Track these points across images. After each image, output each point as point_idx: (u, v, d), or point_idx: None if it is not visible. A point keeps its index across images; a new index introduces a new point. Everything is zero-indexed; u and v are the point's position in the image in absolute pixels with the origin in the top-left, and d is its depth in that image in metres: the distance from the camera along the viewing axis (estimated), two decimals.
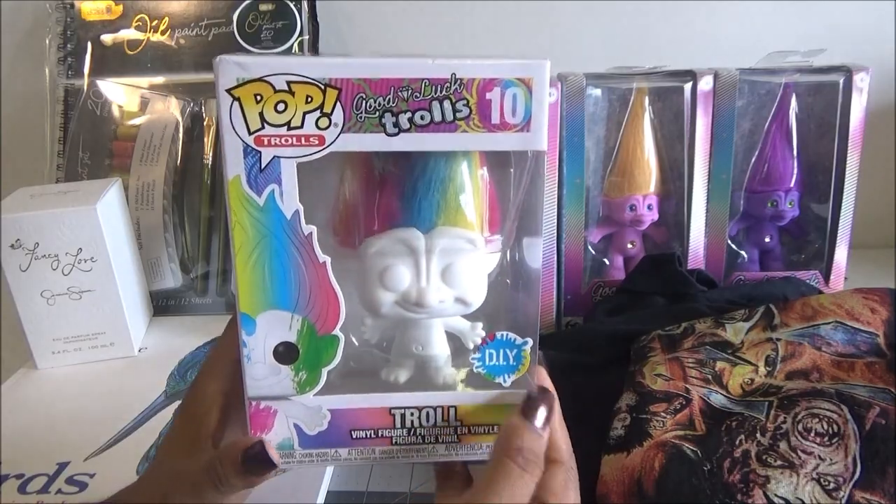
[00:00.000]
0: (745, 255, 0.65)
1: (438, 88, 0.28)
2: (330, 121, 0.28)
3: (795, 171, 0.62)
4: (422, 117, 0.29)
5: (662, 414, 0.42)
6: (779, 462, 0.37)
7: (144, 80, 0.75)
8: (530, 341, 0.33)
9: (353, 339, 0.34)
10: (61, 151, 0.75)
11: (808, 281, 0.61)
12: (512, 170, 0.32)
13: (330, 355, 0.32)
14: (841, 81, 0.60)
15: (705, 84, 0.60)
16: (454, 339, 0.35)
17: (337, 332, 0.31)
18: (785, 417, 0.39)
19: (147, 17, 0.75)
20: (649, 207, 0.62)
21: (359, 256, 0.33)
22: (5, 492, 0.46)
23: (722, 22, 0.76)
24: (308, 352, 0.31)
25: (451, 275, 0.32)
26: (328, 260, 0.30)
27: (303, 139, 0.29)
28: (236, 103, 0.28)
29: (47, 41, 0.76)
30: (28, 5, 0.80)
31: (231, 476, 0.31)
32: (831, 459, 0.37)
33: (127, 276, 0.63)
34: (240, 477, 0.31)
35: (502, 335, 0.33)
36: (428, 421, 0.33)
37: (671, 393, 0.44)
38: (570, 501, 0.31)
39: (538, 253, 0.33)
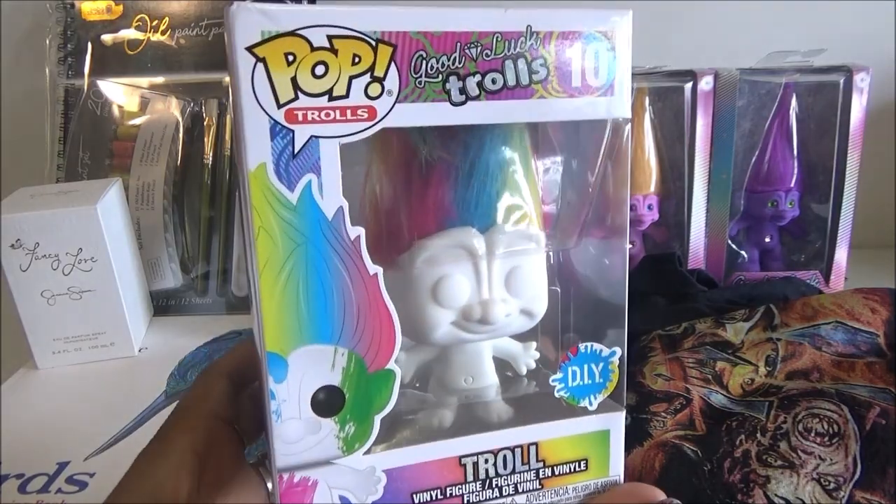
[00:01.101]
0: (746, 255, 0.65)
1: (513, 44, 0.23)
2: (383, 87, 0.22)
3: (796, 171, 0.62)
4: (493, 81, 0.23)
5: (663, 414, 0.42)
6: (779, 462, 0.37)
7: (144, 80, 0.75)
8: (618, 351, 0.27)
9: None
10: (61, 151, 0.75)
11: (808, 281, 0.61)
12: (559, 157, 0.28)
13: (384, 397, 0.25)
14: (841, 81, 0.60)
15: (705, 84, 0.60)
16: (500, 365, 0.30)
17: (392, 365, 0.24)
18: (785, 417, 0.39)
19: (147, 17, 0.75)
20: (649, 207, 0.62)
21: (400, 267, 0.26)
22: (5, 492, 0.46)
23: (722, 22, 0.76)
24: (357, 396, 0.24)
25: (515, 282, 0.27)
26: (380, 271, 0.24)
27: (348, 112, 0.22)
28: (261, 65, 0.21)
29: (47, 41, 0.76)
30: (28, 5, 0.80)
31: None
32: (831, 459, 0.37)
33: (127, 276, 0.63)
34: None
35: (587, 347, 0.27)
36: (506, 467, 0.27)
37: (671, 393, 0.44)
38: None
39: (623, 254, 0.27)
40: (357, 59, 0.22)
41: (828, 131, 0.61)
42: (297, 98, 0.21)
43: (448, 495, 0.26)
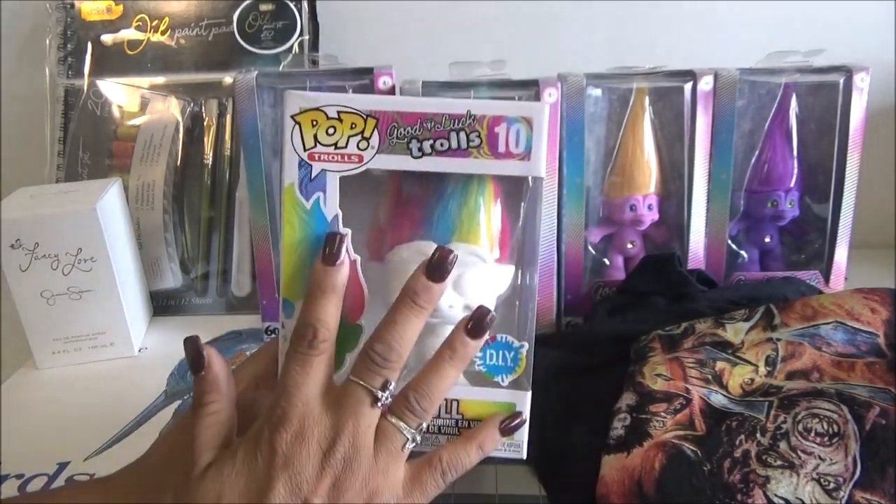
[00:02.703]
0: (746, 255, 0.65)
1: (456, 122, 0.35)
2: (368, 143, 0.35)
3: (795, 171, 0.62)
4: (441, 144, 0.35)
5: (663, 414, 0.42)
6: (779, 462, 0.37)
7: (144, 80, 0.75)
8: (526, 345, 0.37)
9: None
10: (61, 151, 0.75)
11: (808, 281, 0.61)
12: (523, 203, 0.37)
13: (353, 342, 0.36)
14: (841, 81, 0.60)
15: (705, 84, 0.60)
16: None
17: (361, 321, 0.36)
18: (785, 417, 0.39)
19: (147, 17, 0.75)
20: (649, 207, 0.62)
21: (385, 263, 0.38)
22: (5, 492, 0.46)
23: (722, 22, 0.76)
24: (336, 337, 0.35)
25: (461, 284, 0.37)
26: (359, 258, 0.36)
27: (346, 157, 0.35)
28: (297, 126, 0.35)
29: (47, 41, 0.76)
30: (28, 5, 0.80)
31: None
32: (831, 459, 0.37)
33: (127, 276, 0.63)
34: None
35: (502, 337, 0.37)
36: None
37: (671, 393, 0.44)
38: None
39: (534, 274, 0.38)
40: (354, 126, 0.35)
41: (828, 131, 0.61)
42: (315, 146, 0.35)
43: None
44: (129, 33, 0.75)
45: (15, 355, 0.62)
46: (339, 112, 0.35)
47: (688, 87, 0.60)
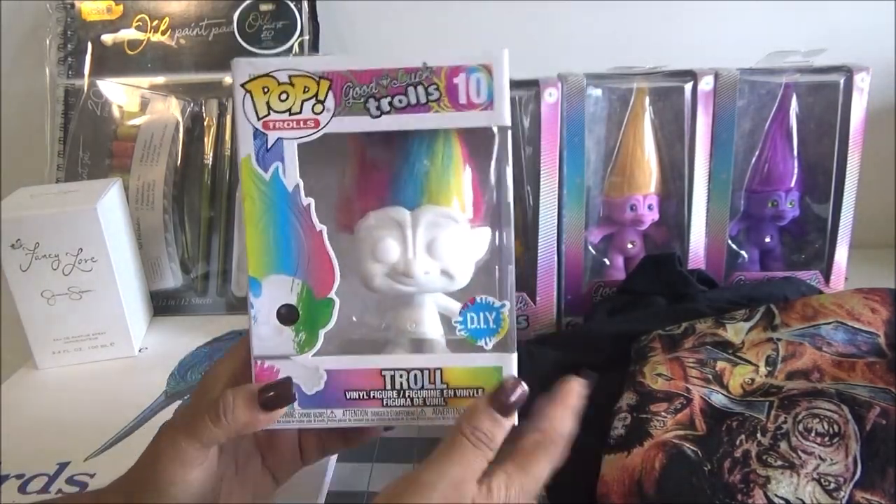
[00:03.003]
0: (746, 255, 0.65)
1: (413, 76, 0.33)
2: (323, 106, 0.33)
3: (796, 171, 0.62)
4: (399, 101, 0.33)
5: (663, 414, 0.42)
6: (779, 462, 0.37)
7: (144, 80, 0.75)
8: (507, 304, 0.35)
9: (354, 319, 0.38)
10: (61, 151, 0.75)
11: (808, 281, 0.61)
12: (493, 159, 0.35)
13: (326, 317, 0.35)
14: (841, 81, 0.60)
15: (706, 84, 0.60)
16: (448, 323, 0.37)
17: (332, 295, 0.35)
18: (785, 417, 0.39)
19: (147, 18, 0.75)
20: (650, 207, 0.62)
21: (354, 234, 0.36)
22: (5, 492, 0.46)
23: (722, 22, 0.76)
24: (307, 314, 0.35)
25: (435, 248, 0.35)
26: (324, 229, 0.34)
27: (301, 122, 0.34)
28: (248, 95, 0.33)
29: (47, 41, 0.76)
30: (28, 5, 0.80)
31: (239, 408, 0.33)
32: (832, 459, 0.37)
33: (127, 276, 0.63)
34: (248, 410, 0.33)
35: (481, 298, 0.35)
36: (416, 383, 0.35)
37: (672, 393, 0.44)
38: (537, 468, 0.33)
39: (510, 234, 0.35)
40: (307, 89, 0.33)
41: (828, 131, 0.61)
42: (269, 114, 0.34)
43: (371, 397, 0.35)
44: (129, 33, 0.75)
45: (15, 355, 0.62)
46: (290, 76, 0.33)
47: (688, 87, 0.60)
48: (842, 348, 0.44)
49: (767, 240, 0.64)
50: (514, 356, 0.35)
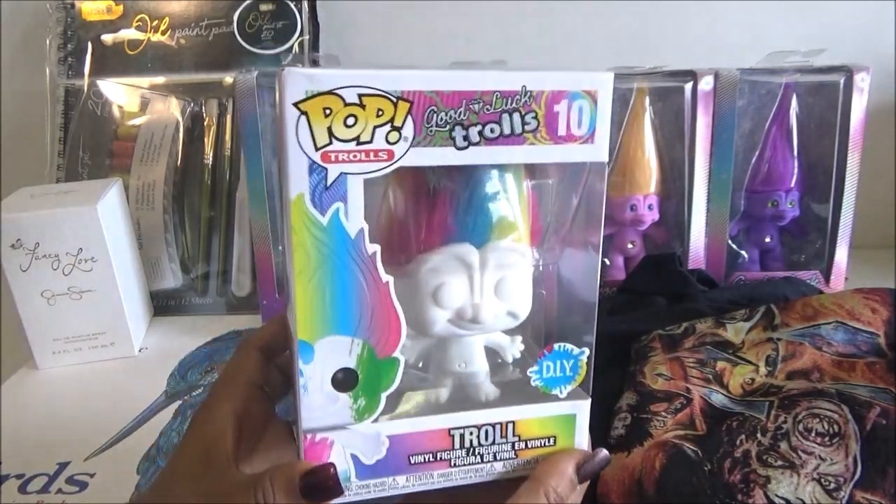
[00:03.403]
0: (746, 255, 0.65)
1: (509, 101, 0.28)
2: (400, 135, 0.27)
3: (796, 171, 0.62)
4: (492, 130, 0.28)
5: (663, 413, 0.42)
6: (779, 462, 0.37)
7: (145, 80, 0.75)
8: (587, 350, 0.32)
9: None
10: (61, 151, 0.75)
11: (808, 281, 0.61)
12: (550, 180, 0.32)
13: (390, 379, 0.30)
14: (841, 81, 0.60)
15: (706, 84, 0.60)
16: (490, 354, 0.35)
17: (397, 353, 0.30)
18: (785, 417, 0.39)
19: (147, 17, 0.75)
20: (650, 207, 0.62)
21: (408, 275, 0.31)
22: (5, 492, 0.46)
23: (722, 22, 0.76)
24: (367, 377, 0.30)
25: (503, 289, 0.32)
26: (391, 280, 0.29)
27: (372, 154, 0.27)
28: (303, 118, 0.26)
29: (47, 41, 0.76)
30: (28, 5, 0.80)
31: (281, 498, 0.29)
32: (832, 459, 0.37)
33: (127, 276, 0.63)
34: (290, 498, 0.29)
35: (560, 346, 0.32)
36: (487, 439, 0.32)
37: (672, 392, 0.44)
38: None
39: (594, 273, 0.32)
40: (381, 112, 0.27)
41: (828, 131, 0.61)
42: (331, 143, 0.27)
43: (438, 458, 0.32)
44: (129, 33, 0.75)
45: (15, 355, 0.62)
46: (360, 95, 0.27)
47: (688, 87, 0.60)
48: (842, 348, 0.44)
49: (767, 240, 0.64)
50: (588, 402, 0.33)
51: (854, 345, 0.44)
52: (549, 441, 0.33)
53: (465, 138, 0.28)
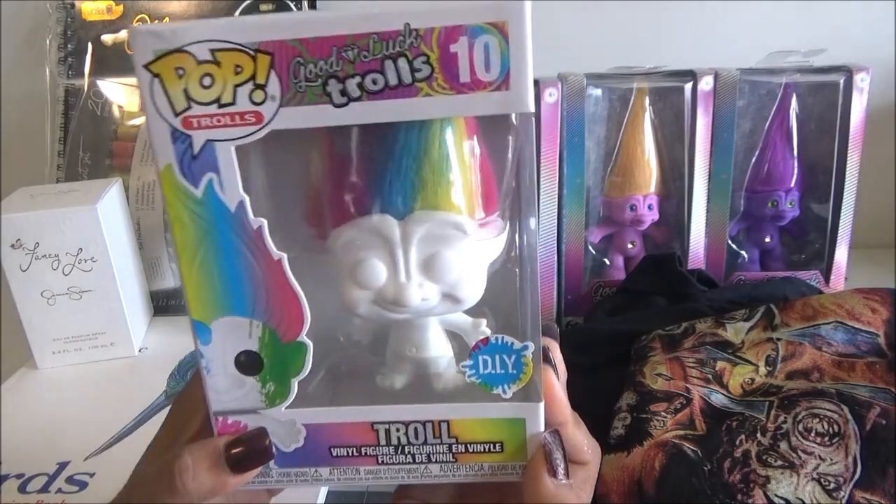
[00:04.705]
0: (746, 255, 0.65)
1: (390, 44, 0.23)
2: (266, 94, 0.24)
3: (796, 171, 0.62)
4: (374, 81, 0.23)
5: (663, 413, 0.42)
6: (779, 462, 0.37)
7: None
8: (531, 346, 0.27)
9: (342, 340, 0.31)
10: (61, 151, 0.75)
11: (808, 281, 0.61)
12: (510, 136, 0.27)
13: (297, 365, 0.28)
14: (841, 81, 0.60)
15: (705, 84, 0.60)
16: (459, 338, 0.31)
17: (303, 338, 0.27)
18: (785, 417, 0.39)
19: (147, 18, 0.75)
20: (650, 207, 0.62)
21: (328, 251, 0.28)
22: (5, 492, 0.46)
23: (722, 22, 0.76)
24: (273, 362, 0.28)
25: (434, 267, 0.27)
26: (284, 256, 0.26)
27: (237, 117, 0.24)
28: (157, 80, 0.24)
29: (48, 41, 0.76)
30: (28, 5, 0.80)
31: (201, 471, 0.27)
32: (832, 459, 0.37)
33: (127, 276, 0.63)
34: (213, 472, 0.27)
35: (497, 339, 0.27)
36: (417, 438, 0.29)
37: (672, 392, 0.44)
38: (585, 499, 0.29)
39: (533, 237, 0.27)
40: (239, 69, 0.24)
41: (828, 131, 0.61)
42: (190, 107, 0.24)
43: (363, 454, 0.29)
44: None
45: (15, 355, 0.62)
46: (212, 51, 0.23)
47: (688, 87, 0.60)
48: (842, 348, 0.44)
49: (767, 240, 0.64)
50: (541, 406, 0.28)
51: (854, 345, 0.44)
52: (494, 447, 0.29)
53: (343, 93, 0.23)
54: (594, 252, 0.64)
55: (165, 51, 0.23)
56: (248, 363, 0.28)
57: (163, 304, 0.71)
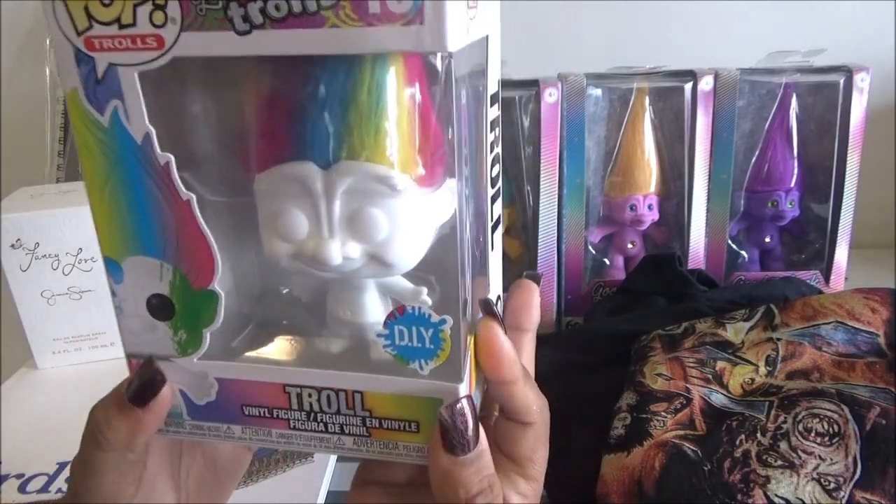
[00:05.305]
0: (746, 255, 0.65)
1: None
2: (166, 15, 0.22)
3: (796, 171, 0.62)
4: (276, 7, 0.22)
5: (663, 413, 0.42)
6: (779, 462, 0.37)
7: None
8: (449, 320, 0.25)
9: (282, 293, 0.30)
10: (61, 151, 0.74)
11: (808, 281, 0.61)
12: (433, 103, 0.25)
13: (209, 315, 0.26)
14: (841, 81, 0.60)
15: (705, 84, 0.60)
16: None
17: (214, 287, 0.26)
18: (785, 417, 0.39)
19: None
20: (650, 207, 0.62)
21: (254, 197, 0.26)
22: (5, 492, 0.46)
23: (722, 22, 0.76)
24: (184, 308, 0.26)
25: (359, 224, 0.25)
26: (193, 198, 0.24)
27: (138, 40, 0.23)
28: None
29: (47, 41, 0.76)
30: (28, 5, 0.80)
31: (114, 419, 0.26)
32: (832, 459, 0.37)
33: None
34: (124, 416, 0.26)
35: (413, 309, 0.25)
36: (329, 406, 0.27)
37: (672, 392, 0.44)
38: (540, 460, 0.27)
39: (450, 198, 0.25)
40: None
41: (828, 131, 0.61)
42: (91, 27, 0.23)
43: (274, 416, 0.28)
44: None
45: (15, 355, 0.62)
46: None
47: (688, 87, 0.60)
48: (842, 348, 0.44)
49: (767, 240, 0.64)
50: (461, 387, 0.25)
51: (854, 345, 0.44)
52: (409, 426, 0.27)
53: (245, 18, 0.22)
54: (594, 252, 0.64)
55: None
56: (159, 307, 0.27)
57: None
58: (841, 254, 0.63)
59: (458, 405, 0.25)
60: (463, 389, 0.26)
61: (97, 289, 0.60)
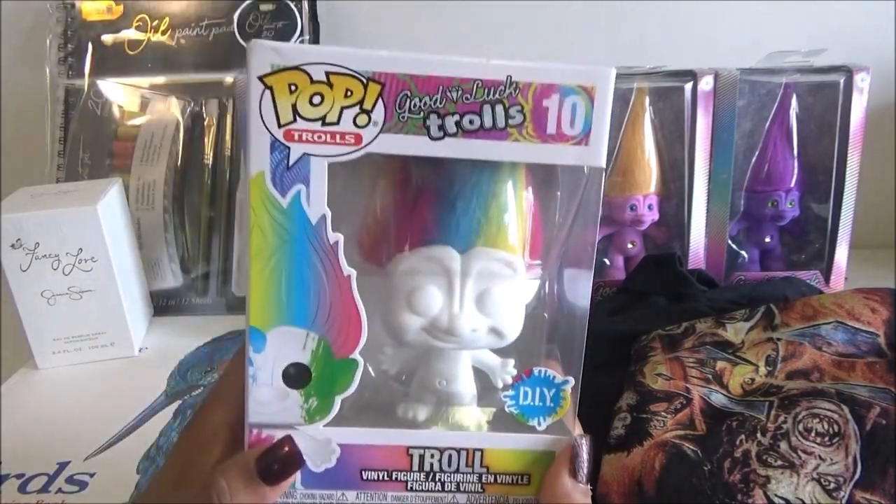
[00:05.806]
0: (746, 255, 0.65)
1: (491, 91, 0.26)
2: (369, 118, 0.26)
3: (796, 171, 0.62)
4: (471, 122, 0.26)
5: (663, 413, 0.42)
6: (779, 462, 0.37)
7: (145, 80, 0.75)
8: (572, 380, 0.29)
9: (370, 370, 0.31)
10: (61, 151, 0.75)
11: (808, 281, 0.61)
12: (559, 192, 0.30)
13: (346, 381, 0.28)
14: (841, 81, 0.60)
15: (706, 84, 0.60)
16: (481, 377, 0.32)
17: (356, 355, 0.28)
18: (785, 417, 0.39)
19: (147, 18, 0.75)
20: (650, 207, 0.62)
21: (386, 275, 0.30)
22: (5, 492, 0.46)
23: (722, 22, 0.76)
24: (321, 376, 0.28)
25: (486, 302, 0.29)
26: (353, 274, 0.28)
27: (338, 137, 0.26)
28: (268, 92, 0.26)
29: (48, 41, 0.76)
30: (28, 5, 0.80)
31: (238, 491, 0.27)
32: (832, 459, 0.37)
33: (127, 276, 0.63)
34: (249, 489, 0.27)
35: (540, 371, 0.29)
36: (450, 465, 0.29)
37: (672, 392, 0.44)
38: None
39: (587, 288, 0.29)
40: (349, 93, 0.26)
41: (828, 131, 0.61)
42: (295, 121, 0.26)
43: (393, 478, 0.29)
44: (129, 33, 0.75)
45: (15, 355, 0.62)
46: (328, 73, 0.25)
47: (688, 87, 0.60)
48: (842, 348, 0.44)
49: (767, 240, 0.64)
50: (576, 434, 0.30)
51: (854, 345, 0.44)
52: (522, 479, 0.30)
53: (441, 128, 0.26)
54: None
55: (283, 66, 0.25)
56: (295, 376, 0.28)
57: (163, 305, 0.71)
58: (841, 254, 0.63)
59: (586, 437, 0.29)
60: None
61: (97, 289, 0.60)
